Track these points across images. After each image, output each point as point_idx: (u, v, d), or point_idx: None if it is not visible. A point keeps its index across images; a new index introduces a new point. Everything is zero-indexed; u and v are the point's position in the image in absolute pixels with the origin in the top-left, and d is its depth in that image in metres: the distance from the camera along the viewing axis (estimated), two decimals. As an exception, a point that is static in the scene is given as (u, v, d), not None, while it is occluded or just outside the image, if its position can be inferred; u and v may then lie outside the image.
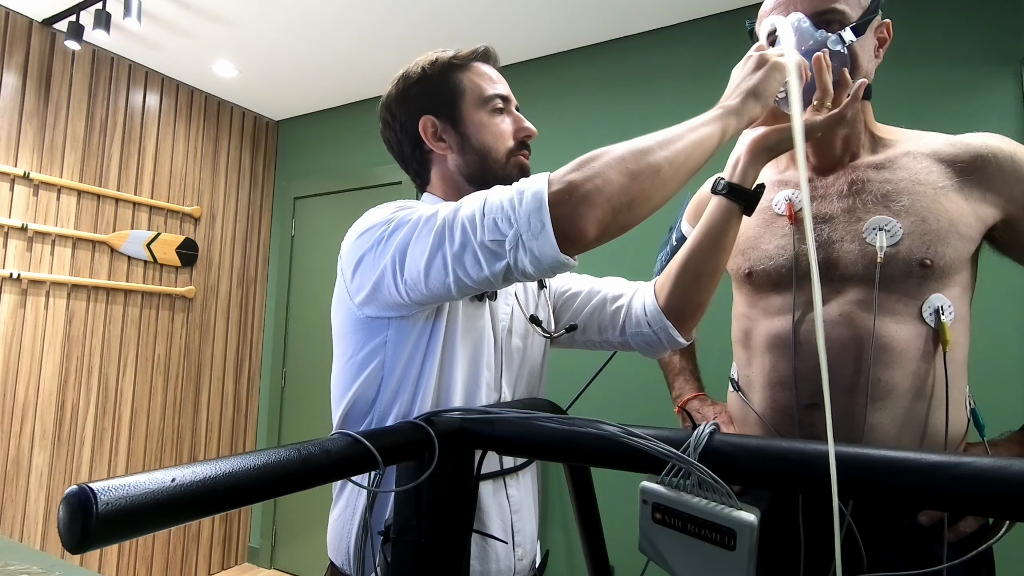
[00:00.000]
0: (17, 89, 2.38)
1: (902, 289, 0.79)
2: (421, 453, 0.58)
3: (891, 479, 0.44)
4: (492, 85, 0.91)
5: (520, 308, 0.90)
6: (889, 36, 0.86)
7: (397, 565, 0.60)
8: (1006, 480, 0.41)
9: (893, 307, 0.80)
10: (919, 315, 0.79)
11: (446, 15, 2.32)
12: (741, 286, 0.96)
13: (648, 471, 0.54)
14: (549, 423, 0.59)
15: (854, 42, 0.79)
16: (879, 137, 0.88)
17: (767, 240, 0.90)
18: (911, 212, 0.80)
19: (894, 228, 0.80)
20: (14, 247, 2.35)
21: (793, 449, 0.49)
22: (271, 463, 0.45)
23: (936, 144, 0.85)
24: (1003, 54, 1.79)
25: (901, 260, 0.79)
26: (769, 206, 0.92)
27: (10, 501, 2.32)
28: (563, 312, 0.98)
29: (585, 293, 0.97)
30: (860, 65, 0.81)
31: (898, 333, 0.79)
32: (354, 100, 3.18)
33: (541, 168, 0.75)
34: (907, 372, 0.79)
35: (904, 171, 0.83)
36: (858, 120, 0.86)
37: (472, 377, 0.82)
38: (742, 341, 0.95)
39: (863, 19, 0.81)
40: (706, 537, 0.50)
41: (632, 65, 2.42)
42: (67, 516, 0.34)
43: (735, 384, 0.97)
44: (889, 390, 0.79)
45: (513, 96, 0.93)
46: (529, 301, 0.94)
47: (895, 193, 0.82)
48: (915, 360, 0.79)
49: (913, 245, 0.79)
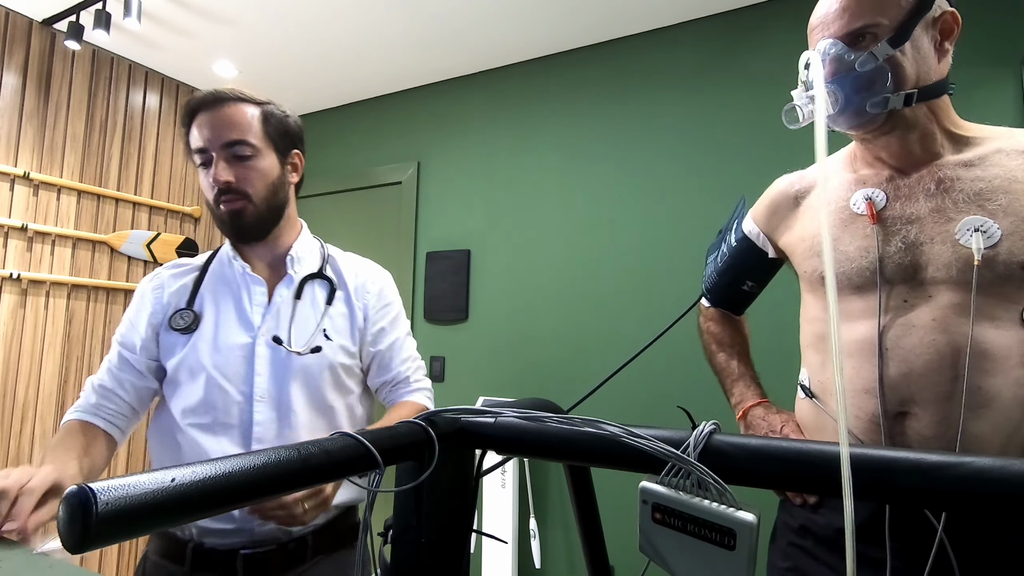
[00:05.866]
0: (17, 89, 2.38)
1: (1002, 293, 0.75)
2: (421, 453, 0.58)
3: (892, 479, 0.44)
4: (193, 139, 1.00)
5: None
6: (957, 25, 0.81)
7: (397, 565, 0.60)
8: (1006, 480, 0.41)
9: (992, 312, 0.75)
10: (1020, 320, 0.75)
11: (446, 15, 2.32)
12: (815, 289, 0.92)
13: (648, 471, 0.54)
14: (549, 423, 0.59)
15: (892, 55, 0.77)
16: (962, 135, 0.84)
17: (846, 241, 0.86)
18: (1009, 212, 0.76)
19: (991, 229, 0.76)
20: (14, 247, 2.35)
21: (794, 449, 0.49)
22: (271, 463, 0.45)
23: None
24: (1003, 54, 1.79)
25: (1000, 263, 0.75)
26: (846, 205, 0.88)
27: (10, 501, 2.32)
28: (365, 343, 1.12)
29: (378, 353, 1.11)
30: (906, 74, 0.78)
31: (999, 339, 0.75)
32: (354, 100, 3.18)
33: (541, 169, 0.75)
34: (1010, 380, 0.74)
35: (998, 168, 0.79)
36: (927, 119, 0.82)
37: None
38: (815, 345, 0.91)
39: (905, 23, 0.77)
40: (706, 537, 0.50)
41: (632, 65, 2.42)
42: (67, 516, 0.34)
43: (807, 391, 0.92)
44: (990, 399, 0.74)
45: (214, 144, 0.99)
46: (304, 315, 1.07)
47: (989, 192, 0.78)
48: (1018, 367, 0.74)
49: (1014, 247, 0.74)
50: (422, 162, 2.92)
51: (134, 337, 1.03)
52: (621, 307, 2.30)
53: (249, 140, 0.99)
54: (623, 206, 2.37)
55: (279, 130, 1.03)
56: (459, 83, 2.85)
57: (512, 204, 2.63)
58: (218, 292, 1.04)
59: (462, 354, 2.68)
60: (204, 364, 0.98)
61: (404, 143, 3.00)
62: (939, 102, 0.83)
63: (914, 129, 0.82)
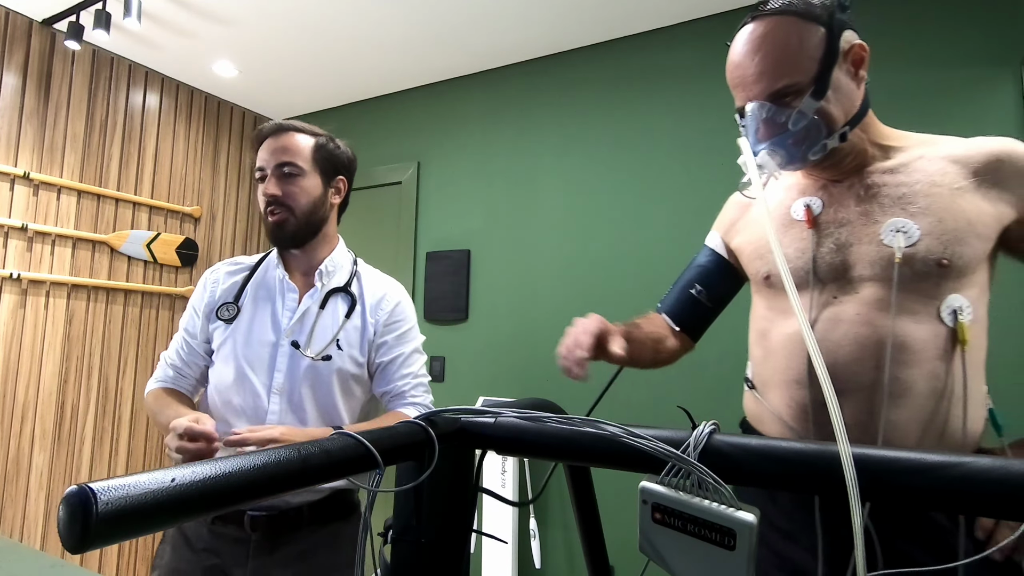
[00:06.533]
0: (17, 89, 2.38)
1: (920, 289, 0.80)
2: (421, 453, 0.58)
3: (892, 479, 0.44)
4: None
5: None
6: (865, 54, 0.86)
7: (397, 565, 0.60)
8: (1006, 480, 0.41)
9: (911, 307, 0.81)
10: (937, 315, 0.80)
11: (446, 15, 2.32)
12: (760, 289, 0.98)
13: (648, 471, 0.54)
14: (549, 423, 0.59)
15: (819, 107, 0.82)
16: (889, 145, 0.90)
17: (786, 244, 0.92)
18: (928, 213, 0.81)
19: (911, 229, 0.81)
20: (14, 247, 2.35)
21: (792, 449, 0.49)
22: (271, 463, 0.45)
23: (949, 146, 0.86)
24: (1003, 54, 1.79)
25: (919, 260, 0.80)
26: (787, 212, 0.94)
27: (10, 501, 2.32)
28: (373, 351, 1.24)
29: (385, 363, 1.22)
30: (835, 117, 0.83)
31: (916, 332, 0.80)
32: (354, 100, 3.18)
33: (541, 169, 0.75)
34: (925, 371, 0.79)
35: (919, 173, 0.84)
36: (858, 141, 0.87)
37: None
38: (759, 342, 0.98)
39: (821, 75, 0.81)
40: (706, 537, 0.50)
41: (632, 65, 2.42)
42: (67, 516, 0.34)
43: (750, 383, 0.99)
44: (907, 388, 0.79)
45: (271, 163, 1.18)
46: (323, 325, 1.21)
47: (911, 195, 0.83)
48: (933, 359, 0.80)
49: (931, 245, 0.80)
50: (422, 162, 2.92)
51: (195, 323, 1.22)
52: (621, 307, 2.30)
53: (297, 162, 1.16)
54: (623, 206, 2.37)
55: (327, 158, 1.21)
56: (459, 83, 2.85)
57: (512, 204, 2.63)
58: (259, 293, 1.21)
59: (462, 354, 2.68)
60: (237, 353, 1.15)
61: (404, 143, 3.00)
62: (866, 122, 0.88)
63: (848, 153, 0.88)
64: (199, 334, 1.20)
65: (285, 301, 1.19)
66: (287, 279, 1.20)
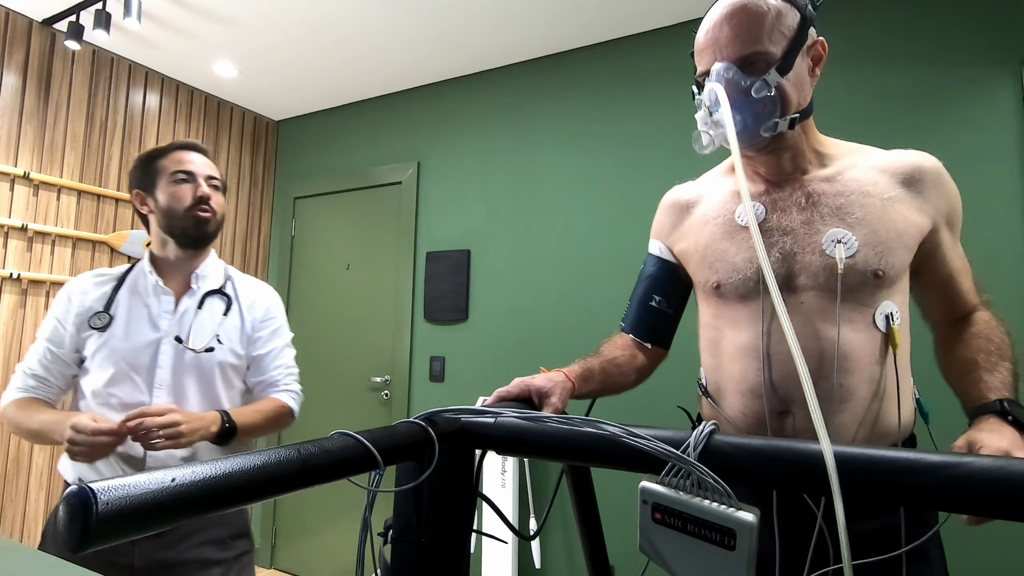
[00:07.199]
0: (17, 89, 2.38)
1: (857, 298, 0.84)
2: (421, 453, 0.58)
3: (892, 479, 0.44)
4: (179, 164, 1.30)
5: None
6: (824, 52, 0.88)
7: (397, 565, 0.60)
8: (1006, 480, 0.41)
9: (850, 315, 0.84)
10: (872, 322, 0.84)
11: (446, 15, 2.32)
12: (708, 297, 0.98)
13: (648, 471, 0.54)
14: (549, 423, 0.59)
15: (780, 82, 0.82)
16: (824, 152, 0.92)
17: (733, 253, 0.92)
18: (863, 223, 0.84)
19: (850, 240, 0.84)
20: (14, 247, 2.35)
21: (792, 449, 0.49)
22: (271, 463, 0.45)
23: (877, 157, 0.90)
24: (1003, 54, 1.79)
25: (858, 271, 0.83)
26: (732, 217, 0.94)
27: (10, 501, 2.32)
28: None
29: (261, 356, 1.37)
30: (791, 100, 0.84)
31: (856, 340, 0.83)
32: (354, 100, 3.18)
33: (542, 169, 0.75)
34: (864, 376, 0.83)
35: (854, 183, 0.87)
36: (799, 139, 0.89)
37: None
38: (709, 350, 0.98)
39: (789, 54, 0.83)
40: (706, 537, 0.50)
41: (632, 65, 2.42)
42: (67, 516, 0.34)
43: (703, 389, 0.99)
44: (850, 394, 0.83)
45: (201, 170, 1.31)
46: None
47: (848, 206, 0.86)
48: (871, 364, 0.83)
49: (868, 256, 0.83)
50: (422, 162, 2.92)
51: (61, 334, 1.25)
52: (621, 307, 2.30)
53: (222, 179, 1.36)
54: (623, 205, 2.37)
55: (225, 187, 1.39)
56: (459, 83, 2.85)
57: (512, 204, 2.63)
58: (132, 299, 1.29)
59: (462, 354, 2.68)
60: (115, 357, 1.22)
61: (404, 143, 3.00)
62: (807, 123, 0.90)
63: (789, 148, 0.89)
64: (67, 343, 1.24)
65: (161, 303, 1.28)
66: (160, 283, 1.30)
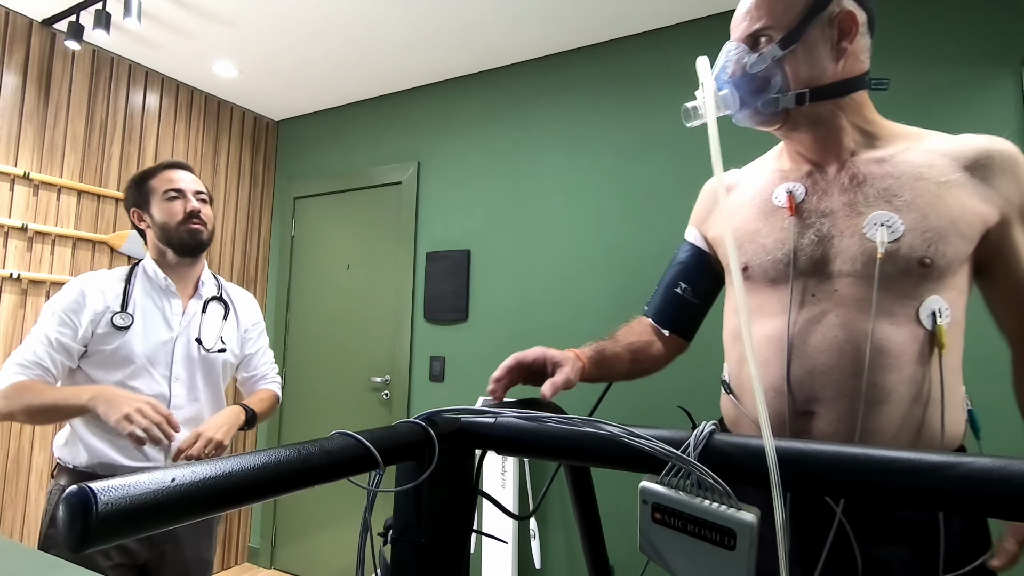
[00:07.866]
0: (17, 89, 2.38)
1: (899, 289, 0.77)
2: (421, 453, 0.58)
3: (893, 480, 0.44)
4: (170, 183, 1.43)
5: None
6: (855, 23, 0.82)
7: (397, 565, 0.60)
8: (1006, 480, 0.41)
9: (890, 308, 0.77)
10: (916, 317, 0.77)
11: (446, 15, 2.32)
12: (734, 283, 0.94)
13: (648, 471, 0.54)
14: (549, 423, 0.59)
15: (782, 56, 0.80)
16: (875, 133, 0.86)
17: (765, 234, 0.87)
18: (912, 207, 0.78)
19: (895, 224, 0.78)
20: (14, 247, 2.35)
21: (792, 449, 0.49)
22: (271, 463, 0.45)
23: (940, 141, 0.83)
24: (1003, 54, 1.79)
25: (901, 257, 0.77)
26: (769, 198, 0.90)
27: (10, 501, 2.32)
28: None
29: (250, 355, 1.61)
30: (796, 75, 0.81)
31: (895, 335, 0.77)
32: (354, 100, 3.18)
33: (542, 169, 0.75)
34: (904, 376, 0.77)
35: (906, 165, 0.81)
36: (836, 116, 0.84)
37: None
38: (733, 344, 0.94)
39: (797, 27, 0.80)
40: (706, 537, 0.50)
41: (632, 65, 2.42)
42: (67, 516, 0.34)
43: (727, 387, 0.95)
44: (886, 394, 0.77)
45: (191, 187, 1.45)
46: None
47: (897, 188, 0.80)
48: (912, 364, 0.77)
49: (914, 243, 0.77)
50: (422, 162, 2.92)
51: (75, 327, 1.33)
52: (621, 307, 2.30)
53: (209, 193, 1.50)
54: (623, 205, 2.37)
55: (209, 195, 1.53)
56: (459, 83, 2.85)
57: (512, 204, 2.63)
58: (145, 300, 1.42)
59: (462, 354, 2.68)
60: (136, 352, 1.36)
61: (404, 143, 3.00)
62: (850, 100, 0.84)
63: (821, 126, 0.85)
64: (79, 337, 1.32)
65: (172, 306, 1.44)
66: (172, 286, 1.44)
